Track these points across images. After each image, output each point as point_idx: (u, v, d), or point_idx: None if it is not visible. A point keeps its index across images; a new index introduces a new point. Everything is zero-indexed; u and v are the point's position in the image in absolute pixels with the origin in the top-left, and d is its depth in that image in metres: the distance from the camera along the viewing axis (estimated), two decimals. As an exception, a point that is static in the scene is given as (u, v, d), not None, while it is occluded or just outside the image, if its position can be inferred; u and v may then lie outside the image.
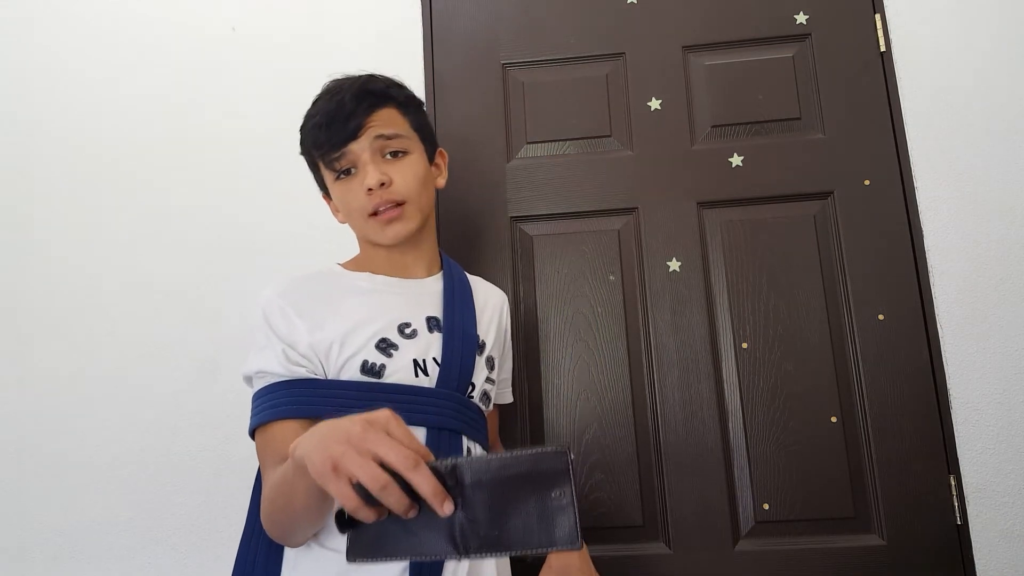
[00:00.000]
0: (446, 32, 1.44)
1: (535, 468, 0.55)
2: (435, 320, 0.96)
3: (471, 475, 0.56)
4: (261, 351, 0.89)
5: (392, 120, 0.95)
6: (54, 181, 1.45)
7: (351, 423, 0.59)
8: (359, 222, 0.96)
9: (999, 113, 1.32)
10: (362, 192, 0.92)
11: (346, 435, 0.58)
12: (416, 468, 0.55)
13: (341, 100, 0.92)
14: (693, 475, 1.25)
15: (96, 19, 1.50)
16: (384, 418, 0.60)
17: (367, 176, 0.91)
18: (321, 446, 0.59)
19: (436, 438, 0.89)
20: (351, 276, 0.98)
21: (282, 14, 1.47)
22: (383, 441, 0.57)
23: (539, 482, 0.55)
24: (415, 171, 0.96)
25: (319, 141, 0.94)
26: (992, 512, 1.21)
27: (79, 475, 1.34)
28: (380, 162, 0.93)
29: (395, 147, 0.95)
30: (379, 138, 0.93)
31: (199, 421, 1.34)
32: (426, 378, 0.91)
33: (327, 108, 0.93)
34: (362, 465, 0.56)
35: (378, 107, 0.94)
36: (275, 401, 0.86)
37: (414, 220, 0.96)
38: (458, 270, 1.07)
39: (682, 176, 1.35)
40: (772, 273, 1.31)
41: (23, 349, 1.39)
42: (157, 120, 1.45)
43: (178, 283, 1.39)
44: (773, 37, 1.38)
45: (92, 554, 1.31)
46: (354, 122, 0.92)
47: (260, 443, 0.87)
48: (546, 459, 0.55)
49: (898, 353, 1.26)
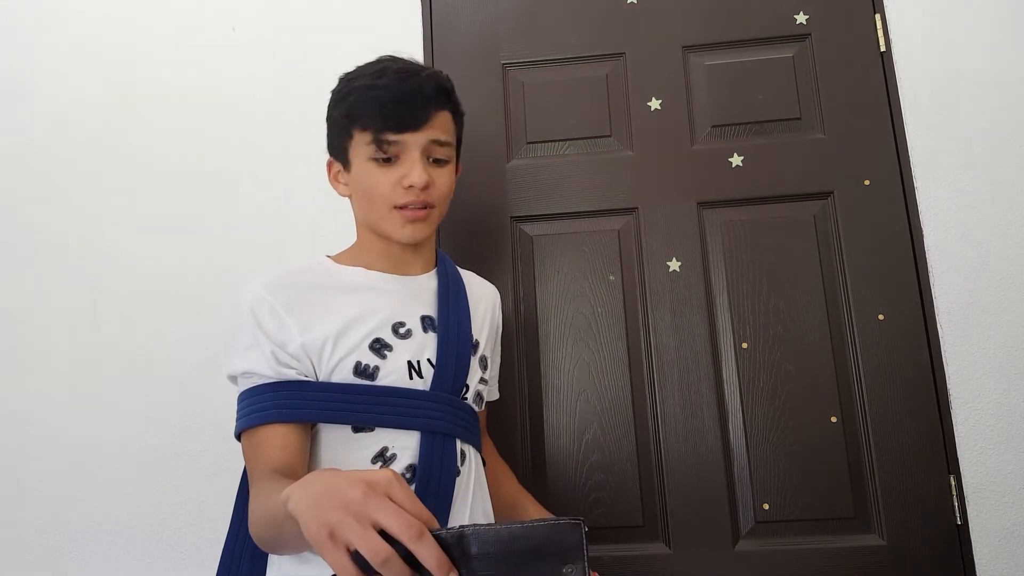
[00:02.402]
0: (446, 32, 1.44)
1: (547, 540, 0.52)
2: (430, 319, 0.94)
3: (478, 546, 0.52)
4: (248, 351, 0.86)
5: (447, 126, 0.94)
6: (55, 182, 1.45)
7: (350, 486, 0.54)
8: (379, 209, 0.91)
9: (999, 113, 1.32)
10: (397, 183, 0.89)
11: (344, 500, 0.53)
12: (420, 538, 0.51)
13: (419, 85, 0.89)
14: (693, 475, 1.25)
15: (96, 19, 1.50)
16: (386, 480, 0.55)
17: (413, 172, 0.88)
18: (316, 510, 0.54)
19: (430, 442, 0.87)
20: (343, 270, 0.95)
21: (282, 14, 1.47)
22: (385, 508, 0.52)
23: (551, 555, 0.52)
24: (450, 181, 0.95)
25: (384, 115, 0.88)
26: (992, 512, 1.21)
27: (79, 475, 1.34)
28: (425, 164, 0.91)
29: (441, 155, 0.92)
30: (435, 142, 0.91)
31: (198, 421, 1.34)
32: (420, 380, 0.89)
33: (401, 87, 0.88)
34: (362, 536, 0.51)
35: (444, 107, 0.93)
36: (263, 404, 0.83)
37: (433, 226, 0.95)
38: (452, 267, 1.05)
39: (682, 176, 1.35)
40: (772, 273, 1.31)
41: (23, 350, 1.39)
42: (157, 120, 1.45)
43: (177, 283, 1.39)
44: (773, 37, 1.38)
45: (92, 554, 1.31)
46: (424, 113, 0.89)
47: (247, 447, 0.85)
48: (560, 531, 0.52)
49: (898, 353, 1.26)
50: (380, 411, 0.86)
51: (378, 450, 0.86)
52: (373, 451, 0.86)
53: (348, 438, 0.86)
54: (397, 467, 0.86)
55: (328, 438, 0.87)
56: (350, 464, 0.85)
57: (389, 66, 0.91)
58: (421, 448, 0.87)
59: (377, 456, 0.86)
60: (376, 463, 0.86)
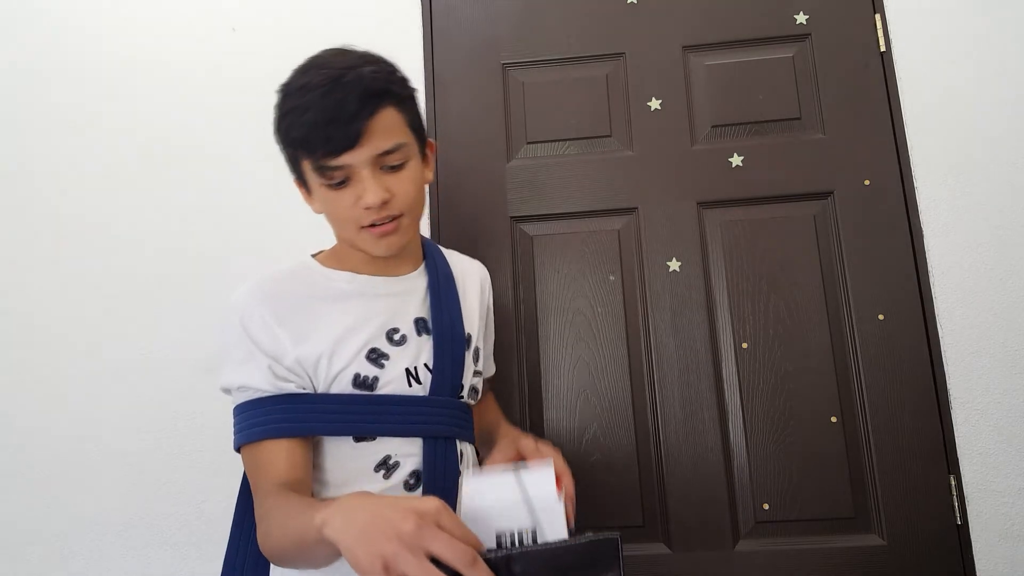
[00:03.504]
0: (446, 32, 1.44)
1: (587, 555, 0.56)
2: (423, 322, 0.93)
3: (523, 567, 0.56)
4: (242, 364, 0.83)
5: (392, 125, 0.84)
6: (52, 184, 1.45)
7: (401, 517, 0.55)
8: (349, 232, 0.87)
9: (999, 113, 1.32)
10: (355, 204, 0.83)
11: (396, 532, 0.55)
12: (474, 565, 0.53)
13: (342, 99, 0.79)
14: (693, 475, 1.25)
15: (95, 19, 1.50)
16: (435, 510, 0.57)
17: (367, 193, 0.82)
18: (366, 541, 0.56)
19: (433, 447, 0.87)
20: (331, 275, 0.91)
21: (282, 14, 1.47)
22: (438, 537, 0.54)
23: (589, 568, 0.56)
24: (414, 181, 0.87)
25: (312, 143, 0.81)
26: (992, 512, 1.21)
27: (78, 476, 1.34)
28: (379, 175, 0.83)
29: (395, 160, 0.84)
30: (382, 154, 0.83)
31: (198, 421, 1.34)
32: (419, 386, 0.89)
33: (324, 105, 0.79)
34: (419, 567, 0.53)
35: (379, 109, 0.82)
36: (264, 418, 0.82)
37: (411, 231, 0.90)
38: (440, 258, 1.01)
39: (682, 176, 1.35)
40: (772, 273, 1.31)
41: (22, 351, 1.39)
42: (156, 121, 1.45)
43: (177, 284, 1.39)
44: (773, 37, 1.38)
45: (92, 554, 1.31)
46: (354, 127, 0.80)
47: (249, 461, 0.83)
48: (599, 547, 0.57)
49: (898, 353, 1.26)
50: (383, 420, 0.86)
51: (381, 458, 0.86)
52: (376, 459, 0.86)
53: (350, 447, 0.86)
54: (401, 473, 0.86)
55: (330, 448, 0.86)
56: (353, 472, 0.85)
57: (313, 77, 0.81)
58: (425, 454, 0.87)
59: (380, 464, 0.86)
60: (379, 471, 0.85)
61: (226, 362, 0.86)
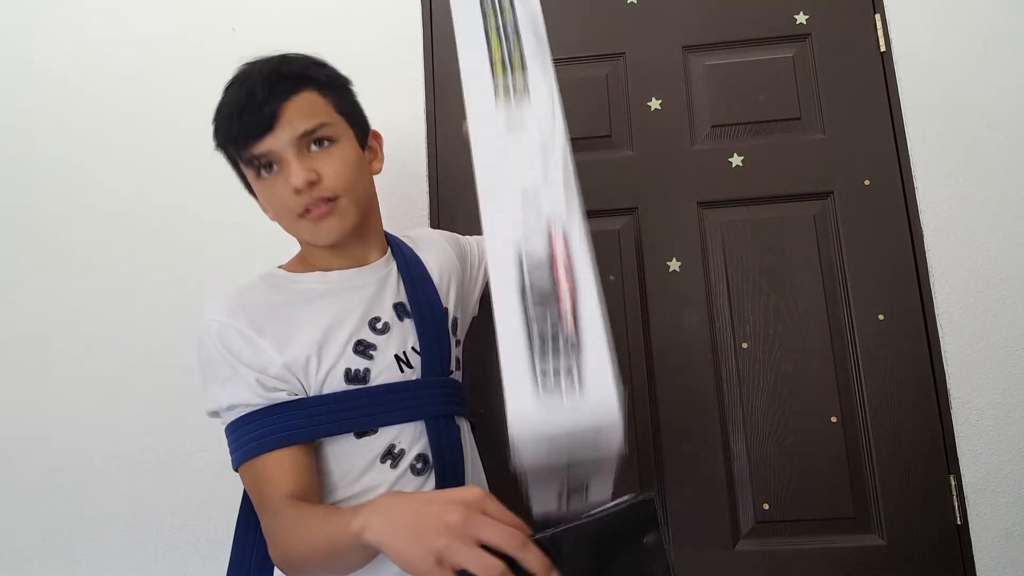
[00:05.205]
0: (446, 32, 1.44)
1: (626, 520, 0.58)
2: (402, 306, 0.91)
3: (569, 543, 0.56)
4: (227, 382, 0.81)
5: (312, 107, 0.83)
6: (48, 186, 1.45)
7: (447, 509, 0.56)
8: (290, 224, 0.87)
9: (999, 113, 1.32)
10: (288, 192, 0.82)
11: (444, 524, 0.55)
12: (525, 547, 0.54)
13: (251, 87, 0.81)
14: (693, 475, 1.25)
15: (95, 19, 1.50)
16: (479, 498, 0.57)
17: (291, 175, 0.81)
18: (416, 538, 0.56)
19: (435, 427, 0.87)
20: (300, 279, 0.90)
21: (282, 15, 1.47)
22: (487, 525, 0.55)
23: (632, 532, 0.58)
24: (345, 160, 0.85)
25: (231, 134, 0.83)
26: (992, 512, 1.21)
27: (78, 476, 1.34)
28: (305, 157, 0.82)
29: (320, 135, 0.83)
30: (303, 136, 0.82)
31: (198, 421, 1.33)
32: (411, 370, 0.88)
33: (236, 96, 0.82)
34: (473, 556, 0.53)
35: (294, 92, 0.82)
36: (262, 430, 0.79)
37: (350, 214, 0.86)
38: (403, 244, 1.00)
39: (682, 176, 1.35)
40: (772, 273, 1.31)
41: (21, 352, 1.39)
42: (155, 121, 1.45)
43: (176, 284, 1.39)
44: (773, 37, 1.38)
45: (92, 555, 1.31)
46: (267, 110, 0.80)
47: (252, 477, 0.80)
48: (634, 511, 0.59)
49: (898, 353, 1.26)
50: (383, 411, 0.85)
51: (385, 449, 0.85)
52: (380, 451, 0.84)
53: (352, 445, 0.84)
54: (408, 460, 0.85)
55: (331, 450, 0.84)
56: (359, 468, 0.84)
57: (235, 76, 0.85)
58: (429, 436, 0.86)
59: (385, 454, 0.84)
60: (385, 461, 0.84)
61: (209, 384, 0.83)
